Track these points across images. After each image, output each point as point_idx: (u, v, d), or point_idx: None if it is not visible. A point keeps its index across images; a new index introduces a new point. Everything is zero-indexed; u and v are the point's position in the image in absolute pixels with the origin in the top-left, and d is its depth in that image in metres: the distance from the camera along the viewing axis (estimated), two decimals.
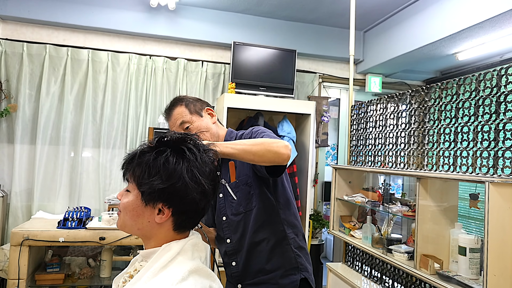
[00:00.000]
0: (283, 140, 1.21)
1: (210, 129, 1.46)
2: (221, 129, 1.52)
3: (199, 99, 1.52)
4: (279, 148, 1.16)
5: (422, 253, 1.94)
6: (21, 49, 3.17)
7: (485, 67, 3.52)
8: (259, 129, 1.39)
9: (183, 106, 1.45)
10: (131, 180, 0.93)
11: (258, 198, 1.37)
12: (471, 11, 2.64)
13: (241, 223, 1.39)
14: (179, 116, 1.44)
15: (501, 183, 1.51)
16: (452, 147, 1.91)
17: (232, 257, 1.41)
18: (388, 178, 2.67)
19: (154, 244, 0.93)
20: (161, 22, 3.43)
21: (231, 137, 1.48)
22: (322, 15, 3.61)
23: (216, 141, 1.44)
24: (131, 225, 0.94)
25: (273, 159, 1.17)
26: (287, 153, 1.16)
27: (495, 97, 1.68)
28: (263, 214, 1.38)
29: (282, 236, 1.39)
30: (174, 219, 0.92)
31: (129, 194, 0.93)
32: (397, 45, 3.42)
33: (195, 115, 1.45)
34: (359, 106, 2.88)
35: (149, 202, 0.89)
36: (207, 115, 1.48)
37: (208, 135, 1.44)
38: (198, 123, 1.44)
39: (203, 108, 1.48)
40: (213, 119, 1.49)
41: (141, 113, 3.40)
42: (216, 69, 3.64)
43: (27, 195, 3.16)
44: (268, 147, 1.16)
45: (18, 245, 2.45)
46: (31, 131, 3.19)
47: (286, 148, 1.17)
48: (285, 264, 1.37)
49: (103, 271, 2.79)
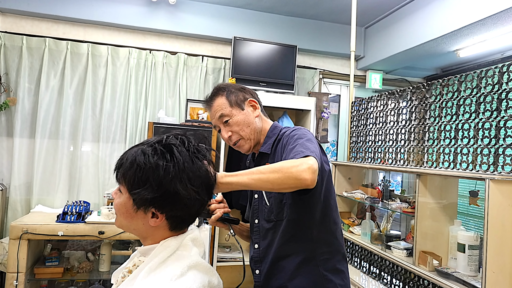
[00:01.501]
0: (309, 159, 1.05)
1: (251, 123, 1.32)
2: (265, 123, 1.38)
3: (243, 89, 1.38)
4: (300, 172, 1.00)
5: (421, 250, 1.94)
6: (21, 42, 3.15)
7: (486, 64, 3.51)
8: (295, 135, 1.22)
9: (224, 97, 1.33)
10: (122, 183, 0.90)
11: (290, 209, 1.24)
12: (472, 8, 2.62)
13: (271, 231, 1.28)
14: (219, 108, 1.32)
15: (502, 180, 1.51)
16: (452, 144, 1.90)
17: (257, 264, 1.31)
18: (387, 175, 2.67)
19: (151, 241, 0.93)
20: (162, 16, 3.41)
21: (273, 133, 1.35)
22: (323, 11, 3.59)
23: (258, 136, 1.34)
24: (126, 226, 0.93)
25: (294, 185, 1.02)
26: (310, 178, 1.01)
27: (496, 94, 1.68)
28: (292, 228, 1.24)
29: (311, 255, 1.24)
30: (169, 222, 0.91)
31: (121, 195, 0.91)
32: (398, 42, 3.41)
33: (236, 108, 1.32)
34: (359, 102, 2.87)
35: (140, 207, 0.88)
36: (249, 108, 1.35)
37: (248, 131, 1.32)
38: (238, 118, 1.31)
39: (245, 100, 1.35)
40: (255, 112, 1.35)
41: (141, 107, 3.39)
42: (217, 64, 3.63)
43: (26, 189, 3.16)
44: (287, 173, 1.01)
45: (17, 238, 2.45)
46: (31, 125, 3.18)
47: (309, 171, 1.01)
48: (310, 286, 1.22)
49: (102, 265, 2.79)
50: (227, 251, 3.29)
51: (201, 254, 0.95)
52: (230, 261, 3.15)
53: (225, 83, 1.41)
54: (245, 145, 1.33)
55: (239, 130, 1.31)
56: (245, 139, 1.32)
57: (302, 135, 1.21)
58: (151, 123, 3.06)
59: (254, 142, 1.33)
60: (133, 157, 0.88)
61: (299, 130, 1.26)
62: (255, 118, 1.34)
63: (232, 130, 1.31)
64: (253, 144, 1.33)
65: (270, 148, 1.31)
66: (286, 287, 1.23)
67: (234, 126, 1.30)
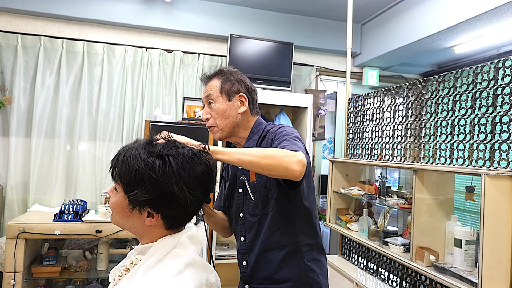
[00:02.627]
0: (299, 153, 1.09)
1: (230, 117, 1.33)
2: (249, 120, 1.39)
3: (242, 82, 1.38)
4: (291, 163, 1.04)
5: (418, 246, 1.95)
6: (16, 41, 3.13)
7: (482, 60, 3.52)
8: (283, 131, 1.27)
9: (219, 81, 1.35)
10: (118, 182, 0.89)
11: (275, 203, 1.29)
12: (468, 4, 2.63)
13: (256, 224, 1.33)
14: (210, 88, 1.35)
15: (497, 176, 1.52)
16: (448, 139, 1.91)
17: (244, 256, 1.36)
18: (384, 171, 2.67)
19: (148, 241, 0.93)
20: (157, 14, 3.40)
21: (258, 129, 1.38)
22: (320, 8, 3.59)
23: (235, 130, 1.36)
24: (122, 224, 0.93)
25: (283, 174, 1.06)
26: (299, 170, 1.05)
27: (492, 90, 1.68)
28: (278, 221, 1.29)
29: (295, 247, 1.30)
30: (165, 221, 0.91)
31: (117, 193, 0.91)
32: (395, 38, 3.41)
33: (224, 96, 1.33)
34: (356, 99, 2.87)
35: (135, 207, 0.87)
36: (237, 101, 1.35)
37: (224, 122, 1.33)
38: (220, 106, 1.33)
39: (237, 93, 1.35)
40: (241, 108, 1.35)
41: (137, 106, 3.38)
42: (213, 62, 3.62)
43: (23, 188, 3.15)
44: (279, 161, 1.04)
45: (14, 238, 2.44)
46: (26, 124, 3.17)
47: (299, 163, 1.05)
48: (295, 277, 1.29)
49: (100, 264, 2.79)
50: (224, 249, 3.30)
51: (199, 251, 0.95)
52: (228, 258, 3.15)
53: (231, 69, 1.41)
54: (216, 133, 1.36)
55: (216, 118, 1.33)
56: (218, 128, 1.34)
57: (289, 132, 1.25)
58: (147, 121, 3.05)
59: (226, 134, 1.36)
60: (128, 157, 0.87)
61: (285, 127, 1.30)
62: (238, 114, 1.35)
63: (211, 115, 1.34)
64: (225, 135, 1.36)
65: (255, 145, 1.34)
66: (272, 278, 1.30)
67: (214, 111, 1.33)
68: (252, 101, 1.40)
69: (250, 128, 1.39)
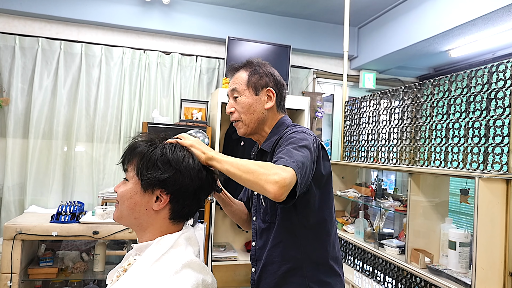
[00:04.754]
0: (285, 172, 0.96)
1: (255, 112, 1.26)
2: (274, 118, 1.30)
3: (272, 75, 1.29)
4: (267, 183, 0.94)
5: (413, 248, 1.96)
6: (13, 42, 3.14)
7: (478, 64, 3.55)
8: (292, 138, 1.13)
9: (247, 74, 1.28)
10: (131, 168, 0.96)
11: (281, 213, 1.19)
12: (464, 8, 2.66)
13: (265, 232, 1.24)
14: (236, 81, 1.28)
15: (491, 179, 1.54)
16: (443, 143, 1.93)
17: (253, 262, 1.28)
18: (380, 174, 2.69)
19: (148, 235, 0.94)
20: (155, 16, 3.41)
21: (278, 130, 1.28)
22: (317, 11, 3.61)
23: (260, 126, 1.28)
24: (128, 214, 0.95)
25: (260, 192, 0.98)
26: (274, 192, 0.93)
27: (486, 93, 1.70)
28: (282, 233, 1.19)
29: (297, 265, 1.18)
30: (171, 207, 0.95)
31: (127, 183, 0.96)
32: (391, 42, 3.44)
33: (250, 90, 1.26)
34: (352, 102, 2.89)
35: (148, 188, 0.92)
36: (264, 96, 1.27)
37: (249, 118, 1.26)
38: (246, 100, 1.25)
39: (265, 87, 1.27)
40: (268, 103, 1.27)
41: (135, 107, 3.39)
42: (211, 64, 3.63)
43: (20, 189, 3.14)
44: (257, 178, 0.96)
45: (11, 239, 2.44)
46: (24, 125, 3.17)
47: (276, 184, 0.93)
48: None
49: (97, 265, 2.79)
50: (222, 251, 3.31)
51: (196, 253, 0.97)
52: (225, 260, 3.16)
53: (260, 60, 1.33)
54: (241, 129, 1.29)
55: (241, 112, 1.26)
56: (243, 123, 1.27)
57: (298, 139, 1.12)
58: (145, 123, 3.06)
59: (251, 130, 1.28)
60: (140, 142, 0.97)
61: (299, 132, 1.17)
62: (264, 110, 1.27)
63: (236, 108, 1.27)
64: (249, 132, 1.29)
65: (270, 147, 1.25)
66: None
67: (239, 105, 1.26)
68: (280, 96, 1.31)
69: (271, 128, 1.30)
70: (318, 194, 1.18)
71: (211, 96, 3.53)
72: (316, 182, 1.17)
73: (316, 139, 1.17)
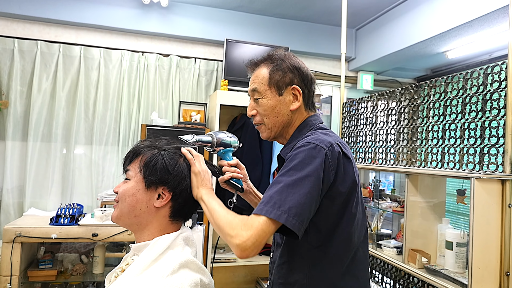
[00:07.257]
0: (246, 232, 0.88)
1: (279, 115, 1.11)
2: (300, 120, 1.14)
3: (298, 70, 1.13)
4: (231, 246, 0.90)
5: (410, 248, 1.98)
6: (12, 45, 3.15)
7: (475, 65, 3.57)
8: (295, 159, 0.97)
9: (268, 70, 1.12)
10: (133, 167, 0.97)
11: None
12: (460, 9, 2.67)
13: (279, 247, 1.10)
14: (257, 80, 1.13)
15: (486, 179, 1.55)
16: (440, 144, 1.94)
17: (269, 274, 1.17)
18: (378, 175, 2.70)
19: (147, 234, 0.95)
20: (154, 18, 3.43)
21: (300, 134, 1.11)
22: (315, 13, 3.63)
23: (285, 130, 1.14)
24: (128, 212, 0.96)
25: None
26: (238, 256, 0.89)
27: (481, 95, 1.72)
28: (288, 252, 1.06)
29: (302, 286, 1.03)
30: (172, 205, 0.96)
31: (128, 182, 0.97)
32: (389, 43, 3.45)
33: (273, 90, 1.10)
34: (350, 103, 2.90)
35: (151, 185, 0.94)
36: (289, 95, 1.11)
37: (273, 121, 1.11)
38: (269, 102, 1.10)
39: (290, 85, 1.11)
40: (294, 104, 1.11)
41: (134, 110, 3.40)
42: (209, 66, 3.65)
43: (19, 192, 3.15)
44: (224, 238, 0.92)
45: (10, 241, 2.45)
46: (23, 128, 3.18)
47: (237, 249, 0.87)
48: None
49: (96, 267, 2.79)
50: (221, 252, 3.31)
51: (193, 253, 0.98)
52: (224, 262, 3.17)
53: (283, 53, 1.16)
54: (264, 133, 1.15)
55: (264, 115, 1.12)
56: (266, 126, 1.13)
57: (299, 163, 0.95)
58: (144, 125, 3.07)
59: (275, 134, 1.14)
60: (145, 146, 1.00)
61: (310, 147, 0.97)
62: (289, 111, 1.11)
63: (258, 111, 1.13)
64: (273, 136, 1.15)
65: (288, 153, 1.06)
66: None
67: (261, 108, 1.12)
68: (308, 93, 1.15)
69: (293, 131, 1.14)
70: (338, 212, 1.01)
71: (210, 98, 3.54)
72: (332, 202, 1.00)
73: (331, 153, 0.97)
